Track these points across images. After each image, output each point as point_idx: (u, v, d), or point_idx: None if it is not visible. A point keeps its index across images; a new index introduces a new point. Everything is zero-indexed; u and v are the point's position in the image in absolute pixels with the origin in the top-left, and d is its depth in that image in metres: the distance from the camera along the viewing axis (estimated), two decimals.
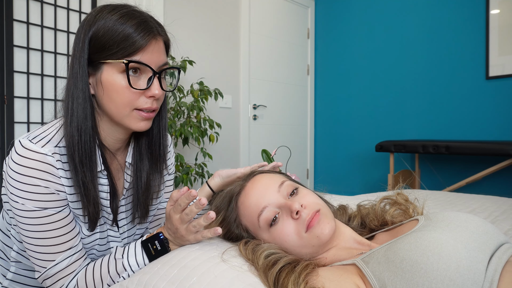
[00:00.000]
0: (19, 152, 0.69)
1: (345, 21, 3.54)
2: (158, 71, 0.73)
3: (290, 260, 0.65)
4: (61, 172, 0.72)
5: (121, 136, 0.81)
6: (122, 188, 0.85)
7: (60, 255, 0.73)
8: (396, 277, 0.56)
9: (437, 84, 2.94)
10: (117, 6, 0.72)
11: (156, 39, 0.72)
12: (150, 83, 0.72)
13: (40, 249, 0.72)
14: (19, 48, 1.74)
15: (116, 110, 0.73)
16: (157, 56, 0.73)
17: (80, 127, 0.71)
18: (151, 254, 0.75)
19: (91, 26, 0.70)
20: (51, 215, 0.71)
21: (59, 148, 0.72)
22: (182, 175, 2.04)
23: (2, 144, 1.70)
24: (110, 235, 0.85)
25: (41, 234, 0.71)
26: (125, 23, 0.69)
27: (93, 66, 0.72)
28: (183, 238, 0.73)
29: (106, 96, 0.72)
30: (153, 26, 0.72)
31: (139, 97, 0.72)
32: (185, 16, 2.60)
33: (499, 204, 1.27)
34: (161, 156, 0.87)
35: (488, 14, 2.67)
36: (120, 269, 0.74)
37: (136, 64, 0.70)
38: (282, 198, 0.72)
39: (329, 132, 3.69)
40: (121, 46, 0.68)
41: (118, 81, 0.70)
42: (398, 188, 0.91)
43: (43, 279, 0.74)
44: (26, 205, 0.69)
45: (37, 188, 0.69)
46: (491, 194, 2.14)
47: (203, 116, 2.29)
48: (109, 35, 0.69)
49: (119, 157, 0.84)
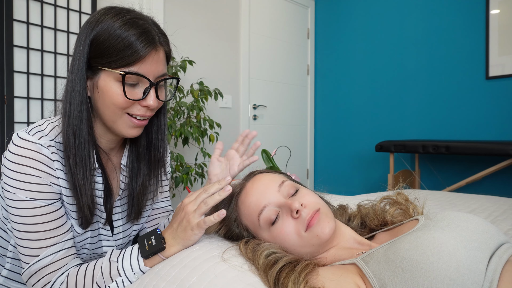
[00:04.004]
0: (16, 143, 0.70)
1: (345, 21, 3.54)
2: (155, 81, 0.73)
3: (290, 260, 0.65)
4: (57, 165, 0.72)
5: (115, 137, 0.81)
6: (117, 188, 0.85)
7: (44, 250, 0.71)
8: (396, 277, 0.56)
9: (437, 84, 2.94)
10: (121, 11, 0.71)
11: (156, 50, 0.72)
12: (146, 94, 0.72)
13: (26, 243, 0.71)
14: (19, 48, 1.74)
15: (109, 115, 0.73)
16: (156, 67, 0.72)
17: (75, 130, 0.72)
18: (145, 250, 0.71)
19: (93, 29, 0.70)
20: (40, 206, 0.70)
21: (55, 142, 0.73)
22: (182, 175, 2.04)
23: (2, 144, 1.70)
24: (101, 234, 0.84)
25: (28, 227, 0.70)
26: (127, 31, 0.68)
27: (92, 70, 0.72)
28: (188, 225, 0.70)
29: (101, 101, 0.72)
30: (155, 36, 0.71)
31: (133, 105, 0.73)
32: (185, 16, 2.60)
33: (499, 204, 1.27)
34: (160, 161, 0.87)
35: (488, 14, 2.67)
36: (114, 273, 0.71)
37: (133, 76, 0.70)
38: (282, 198, 0.72)
39: (329, 132, 3.69)
40: (120, 55, 0.68)
41: (114, 89, 0.71)
42: (398, 188, 0.91)
43: (27, 277, 0.72)
44: (17, 195, 0.69)
45: (29, 178, 0.69)
46: (491, 194, 2.14)
47: (203, 116, 2.29)
48: (110, 42, 0.68)
49: (113, 158, 0.85)
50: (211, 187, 0.73)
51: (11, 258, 0.85)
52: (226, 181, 0.73)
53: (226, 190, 0.71)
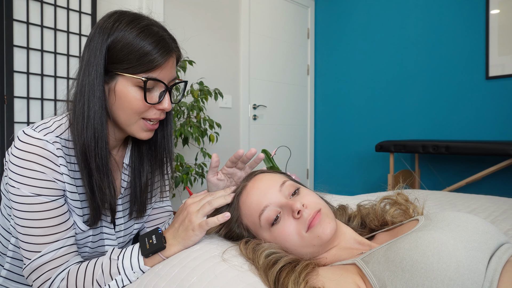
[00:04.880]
0: (22, 139, 0.71)
1: (345, 21, 3.54)
2: (170, 85, 0.77)
3: (290, 260, 0.65)
4: (61, 161, 0.73)
5: (121, 136, 0.83)
6: (119, 187, 0.86)
7: (46, 247, 0.72)
8: (396, 277, 0.56)
9: (437, 84, 2.94)
10: (135, 19, 0.74)
11: (172, 56, 0.76)
12: (162, 98, 0.76)
13: (28, 239, 0.71)
14: (19, 48, 1.74)
15: (125, 118, 0.76)
16: (170, 72, 0.76)
17: (97, 135, 0.74)
18: (145, 248, 0.71)
19: (110, 35, 0.72)
20: (44, 202, 0.71)
21: (61, 139, 0.74)
22: (182, 175, 2.04)
23: (2, 144, 1.70)
24: (104, 232, 0.85)
25: (30, 223, 0.71)
26: (145, 40, 0.71)
27: (108, 75, 0.74)
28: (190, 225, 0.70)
29: (117, 104, 0.75)
30: (170, 43, 0.75)
31: (149, 109, 0.76)
32: (185, 16, 2.61)
33: (499, 204, 1.27)
34: (165, 161, 0.89)
35: (488, 14, 2.67)
36: (114, 271, 0.71)
37: (153, 81, 0.73)
38: (283, 198, 0.72)
39: (329, 132, 3.69)
40: (139, 62, 0.71)
41: (133, 93, 0.73)
42: (398, 188, 0.91)
43: (28, 272, 0.72)
44: (21, 190, 0.70)
45: (34, 173, 0.70)
46: (491, 194, 2.14)
47: (203, 116, 2.29)
48: (128, 50, 0.71)
49: (116, 156, 0.86)
50: (217, 193, 0.77)
51: (11, 257, 0.85)
52: (231, 190, 0.78)
53: (231, 196, 0.76)
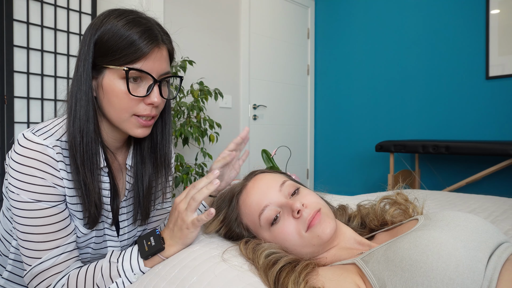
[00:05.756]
0: (22, 144, 0.70)
1: (345, 21, 3.54)
2: (159, 79, 0.74)
3: (290, 260, 0.65)
4: (61, 165, 0.72)
5: (120, 135, 0.82)
6: (123, 189, 0.85)
7: (47, 253, 0.71)
8: (395, 276, 0.56)
9: (437, 84, 2.94)
10: (125, 12, 0.73)
11: (159, 47, 0.73)
12: (149, 91, 0.73)
13: (28, 245, 0.71)
14: (19, 48, 1.74)
15: (115, 114, 0.74)
16: (159, 65, 0.73)
17: (82, 129, 0.72)
18: (144, 251, 0.72)
19: (97, 30, 0.71)
20: (44, 208, 0.71)
21: (61, 142, 0.73)
22: (182, 175, 2.04)
23: (2, 144, 1.70)
24: (107, 234, 0.84)
25: (31, 229, 0.70)
26: (130, 29, 0.70)
27: (96, 70, 0.73)
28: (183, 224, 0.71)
29: (106, 100, 0.73)
30: (158, 34, 0.73)
31: (138, 104, 0.73)
32: (185, 16, 2.61)
33: (499, 204, 1.27)
34: (166, 161, 0.87)
35: (488, 14, 2.67)
36: (114, 274, 0.71)
37: (136, 72, 0.71)
38: (283, 198, 0.73)
39: (329, 132, 3.69)
40: (124, 53, 0.69)
41: (118, 86, 0.71)
42: (398, 188, 0.91)
43: (29, 279, 0.72)
44: (21, 196, 0.69)
45: (34, 179, 0.69)
46: (491, 194, 2.14)
47: (203, 116, 2.29)
48: (113, 41, 0.70)
49: (119, 158, 0.85)
50: (199, 182, 0.73)
51: (13, 260, 0.85)
52: (214, 175, 0.73)
53: (214, 184, 0.71)
